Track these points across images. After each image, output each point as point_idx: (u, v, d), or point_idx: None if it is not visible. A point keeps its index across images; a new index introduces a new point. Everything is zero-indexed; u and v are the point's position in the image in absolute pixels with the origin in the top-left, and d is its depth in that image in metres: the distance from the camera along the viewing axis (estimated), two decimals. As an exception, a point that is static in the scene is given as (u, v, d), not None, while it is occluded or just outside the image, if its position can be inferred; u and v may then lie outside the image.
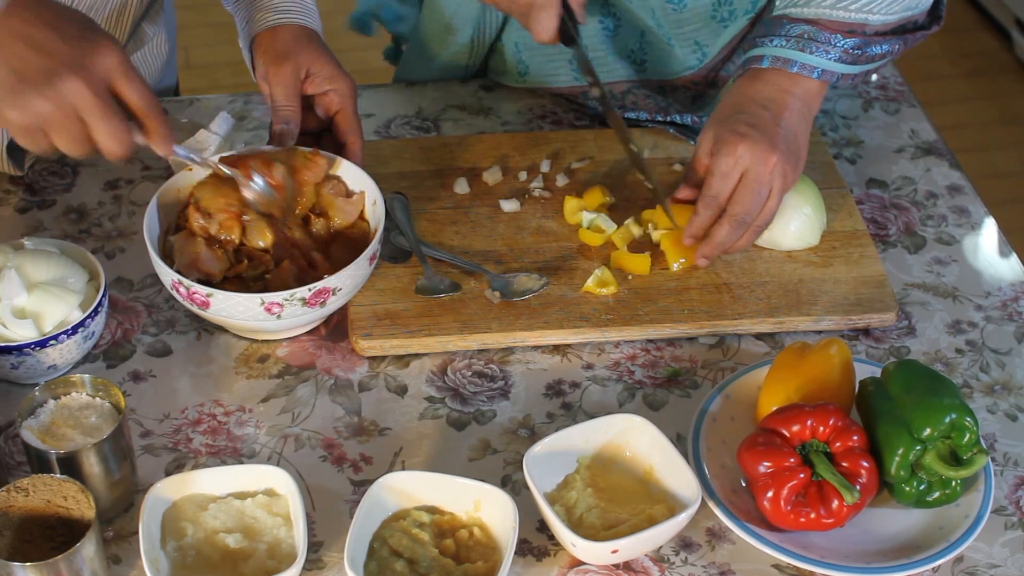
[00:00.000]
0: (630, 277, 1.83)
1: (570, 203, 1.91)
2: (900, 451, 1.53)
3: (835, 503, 1.51)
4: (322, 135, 1.87)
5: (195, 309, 1.68)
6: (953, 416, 1.53)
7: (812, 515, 1.52)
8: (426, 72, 2.19)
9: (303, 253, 1.73)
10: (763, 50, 1.82)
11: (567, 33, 1.87)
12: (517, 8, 1.85)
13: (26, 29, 1.50)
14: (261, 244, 1.71)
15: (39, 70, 1.49)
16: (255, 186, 1.71)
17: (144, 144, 1.60)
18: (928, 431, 1.53)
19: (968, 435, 1.53)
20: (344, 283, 1.68)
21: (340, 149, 1.83)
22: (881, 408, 1.58)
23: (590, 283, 1.80)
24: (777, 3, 1.87)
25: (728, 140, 1.78)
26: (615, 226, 1.88)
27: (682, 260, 1.83)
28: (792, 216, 1.84)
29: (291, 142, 1.80)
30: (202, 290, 1.64)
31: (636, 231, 1.88)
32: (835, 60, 1.80)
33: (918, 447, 1.53)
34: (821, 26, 1.80)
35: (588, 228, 1.88)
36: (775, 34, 1.82)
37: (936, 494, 1.56)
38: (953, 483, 1.55)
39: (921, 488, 1.55)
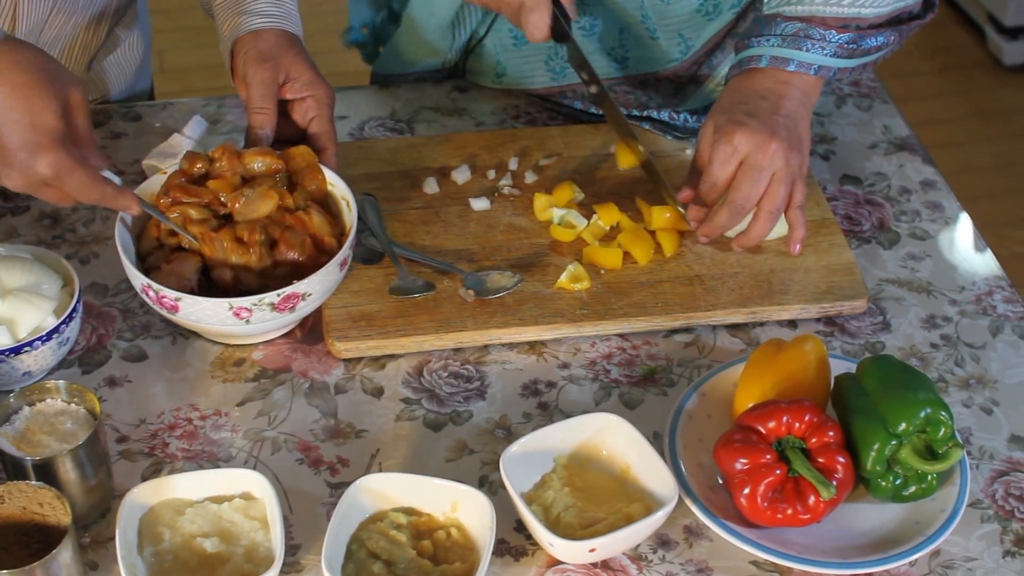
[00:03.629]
0: (603, 272, 1.83)
1: (540, 200, 1.91)
2: (876, 446, 1.54)
3: (812, 499, 1.51)
4: (298, 143, 1.86)
5: (165, 313, 1.67)
6: (928, 410, 1.53)
7: (789, 511, 1.52)
8: (403, 68, 2.18)
9: (315, 239, 1.72)
10: (759, 50, 1.83)
11: (559, 30, 1.87)
12: (508, 8, 1.85)
13: None
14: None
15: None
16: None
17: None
18: (903, 426, 1.53)
19: (943, 429, 1.53)
20: (314, 288, 1.67)
21: (316, 155, 1.83)
22: (856, 403, 1.58)
23: (563, 279, 1.80)
24: (768, 1, 1.88)
25: (726, 129, 1.79)
26: (585, 222, 1.88)
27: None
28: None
29: (265, 146, 1.79)
30: (170, 294, 1.63)
31: (604, 224, 1.88)
32: (831, 55, 1.81)
33: (894, 442, 1.53)
34: (815, 23, 1.80)
35: (559, 224, 1.88)
36: (770, 33, 1.82)
37: (912, 488, 1.56)
38: (929, 477, 1.56)
39: (897, 483, 1.56)
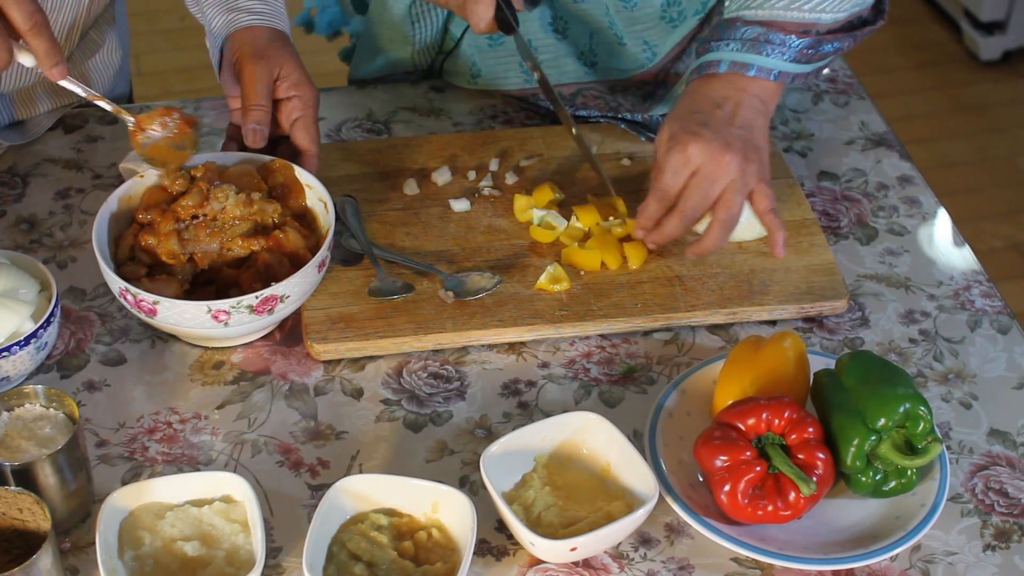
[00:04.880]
0: (582, 273, 1.83)
1: (520, 201, 1.91)
2: (855, 442, 1.54)
3: (792, 495, 1.51)
4: (279, 142, 1.87)
5: (143, 317, 1.67)
6: (907, 405, 1.53)
7: (769, 508, 1.52)
8: (374, 68, 2.19)
9: (292, 257, 1.72)
10: (719, 54, 1.83)
11: (505, 21, 1.88)
12: (453, 1, 1.86)
13: None
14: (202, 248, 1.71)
15: None
16: (150, 134, 1.74)
17: (32, 65, 1.63)
18: (883, 421, 1.53)
19: (922, 424, 1.54)
20: (292, 291, 1.67)
21: (296, 156, 1.83)
22: (836, 399, 1.58)
23: (543, 280, 1.80)
24: (728, 5, 1.88)
25: (681, 138, 1.78)
26: (565, 223, 1.88)
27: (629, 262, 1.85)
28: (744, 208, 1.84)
29: (263, 143, 1.80)
30: (149, 298, 1.63)
31: (583, 226, 1.88)
32: (790, 60, 1.81)
33: (873, 437, 1.54)
34: (775, 27, 1.81)
35: (539, 225, 1.88)
36: (729, 38, 1.82)
37: (892, 483, 1.56)
38: (909, 472, 1.56)
39: (877, 478, 1.56)
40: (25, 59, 1.63)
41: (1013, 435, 1.70)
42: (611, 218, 1.89)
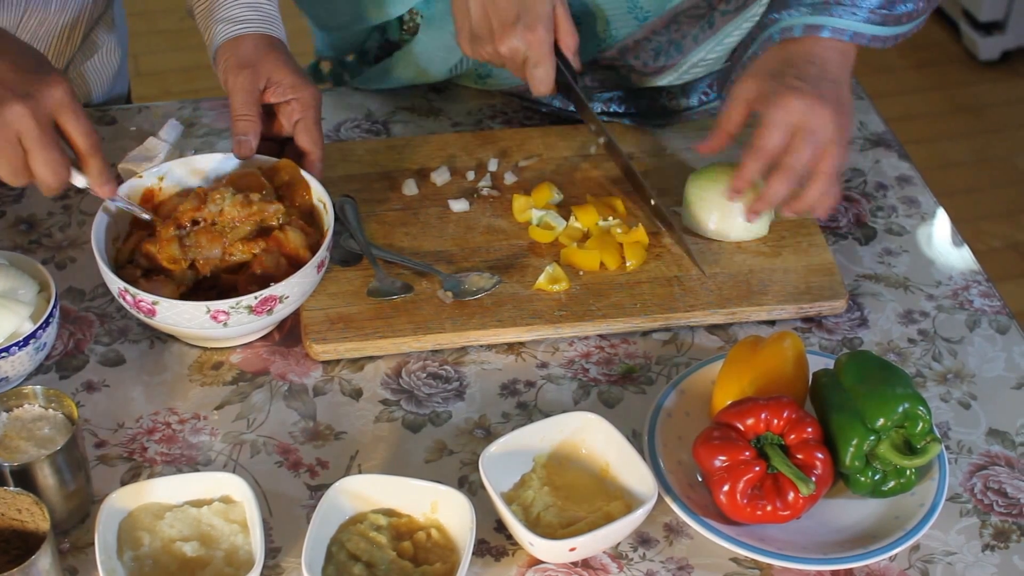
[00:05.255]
0: (581, 273, 1.83)
1: (519, 201, 1.91)
2: (854, 442, 1.54)
3: (791, 495, 1.51)
4: (286, 142, 1.86)
5: (142, 317, 1.67)
6: (906, 405, 1.53)
7: (768, 508, 1.52)
8: (384, 85, 2.18)
9: (290, 257, 1.72)
10: (790, 21, 1.81)
11: (564, 83, 1.87)
12: (512, 65, 1.85)
13: None
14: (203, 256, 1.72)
15: None
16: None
17: (85, 185, 1.67)
18: (881, 421, 1.53)
19: (921, 424, 1.54)
20: (291, 291, 1.67)
21: (301, 158, 1.83)
22: (835, 399, 1.58)
23: (542, 280, 1.80)
24: None
25: (780, 92, 1.74)
26: (564, 223, 1.88)
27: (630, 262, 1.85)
28: (740, 207, 1.84)
29: (250, 153, 1.80)
30: (148, 298, 1.63)
31: (582, 226, 1.88)
32: (863, 21, 1.79)
33: (872, 437, 1.54)
34: None
35: (538, 225, 1.88)
36: (798, 4, 1.80)
37: (891, 483, 1.56)
38: (907, 472, 1.56)
39: (876, 478, 1.56)
40: (78, 179, 1.66)
41: (1012, 435, 1.70)
42: (610, 218, 1.89)
